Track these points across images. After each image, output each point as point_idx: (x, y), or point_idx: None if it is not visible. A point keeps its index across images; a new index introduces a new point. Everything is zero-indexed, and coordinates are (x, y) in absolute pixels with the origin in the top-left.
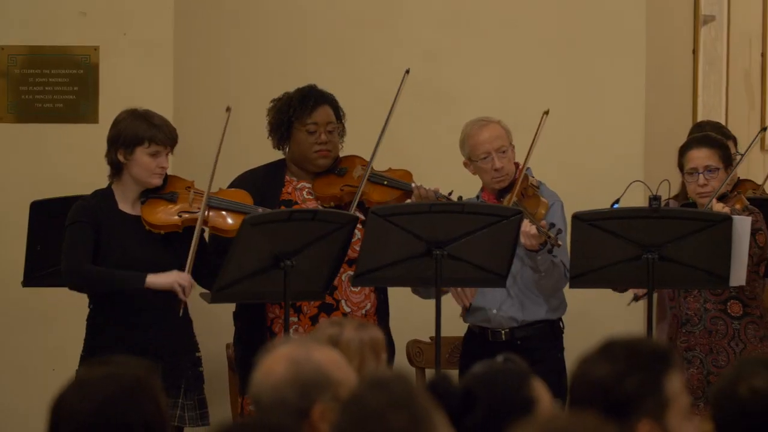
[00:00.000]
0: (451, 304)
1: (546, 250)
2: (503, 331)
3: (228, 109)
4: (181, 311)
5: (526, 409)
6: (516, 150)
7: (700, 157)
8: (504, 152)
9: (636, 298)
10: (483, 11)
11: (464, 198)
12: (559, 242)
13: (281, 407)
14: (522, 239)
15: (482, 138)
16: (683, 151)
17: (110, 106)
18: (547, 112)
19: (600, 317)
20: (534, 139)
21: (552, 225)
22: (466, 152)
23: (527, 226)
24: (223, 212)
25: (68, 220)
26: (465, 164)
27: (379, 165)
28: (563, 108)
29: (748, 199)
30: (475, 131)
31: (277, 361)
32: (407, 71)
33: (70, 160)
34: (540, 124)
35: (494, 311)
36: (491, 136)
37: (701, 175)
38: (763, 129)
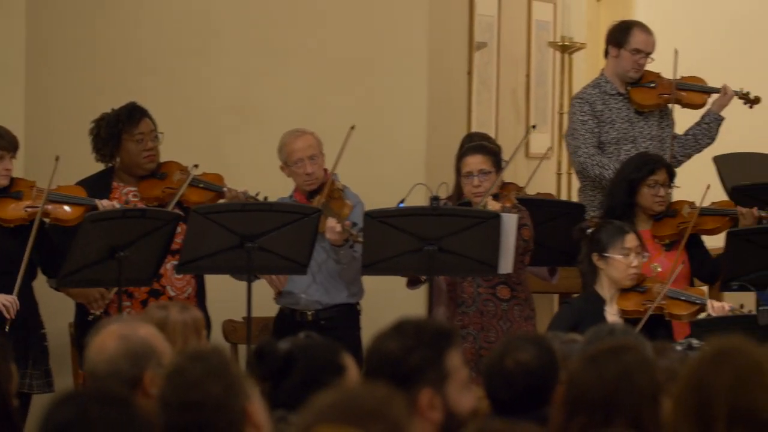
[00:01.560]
0: (262, 287)
1: (348, 245)
2: (309, 313)
3: (57, 158)
4: (7, 327)
5: (337, 375)
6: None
7: (476, 162)
8: (314, 159)
9: (415, 283)
10: (291, 38)
11: (278, 198)
12: (360, 239)
13: (116, 377)
14: (327, 235)
15: (297, 146)
16: (461, 157)
17: None
18: (353, 127)
19: (390, 300)
20: (341, 150)
21: (354, 224)
22: (283, 158)
23: (333, 224)
24: (63, 205)
25: None
26: (282, 168)
27: (197, 170)
28: (359, 122)
29: (518, 199)
30: (291, 140)
31: (108, 338)
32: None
33: None
34: (347, 136)
35: (302, 295)
36: (304, 144)
37: (476, 178)
38: (525, 135)
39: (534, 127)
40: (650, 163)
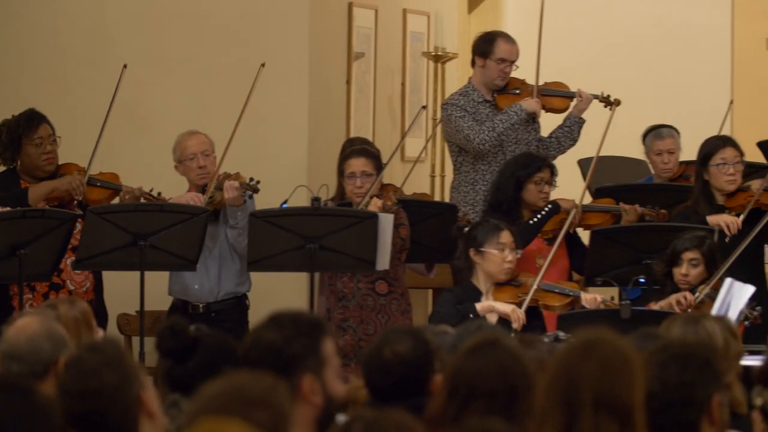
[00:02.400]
0: (154, 282)
1: (248, 196)
2: (201, 305)
3: None
4: None
5: (231, 364)
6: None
7: (358, 164)
8: (207, 155)
9: None
10: (180, 47)
11: (168, 196)
12: (258, 188)
13: (36, 356)
14: (227, 195)
15: (191, 143)
16: (344, 159)
17: None
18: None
19: (274, 294)
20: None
21: (251, 179)
22: (177, 156)
23: (231, 185)
24: None
25: None
26: (176, 167)
27: (93, 170)
28: (244, 127)
29: (404, 200)
30: (185, 138)
31: (32, 321)
32: None
33: None
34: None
35: (196, 287)
36: (197, 141)
37: (358, 179)
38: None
39: (424, 107)
40: (536, 162)
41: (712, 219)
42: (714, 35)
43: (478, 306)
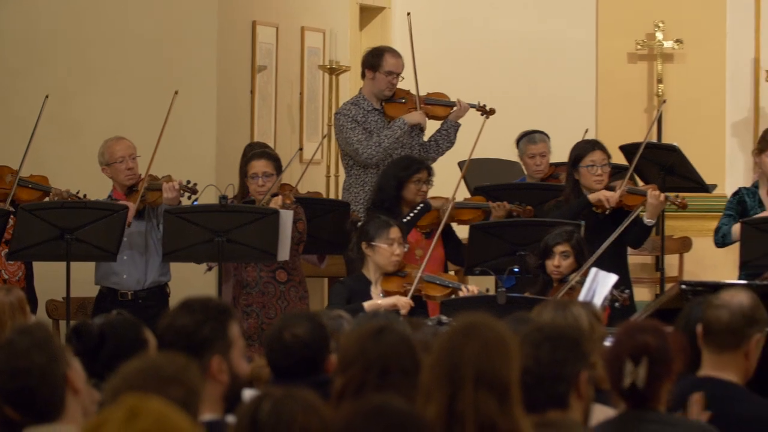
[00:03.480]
0: (80, 271)
1: (187, 197)
2: (129, 293)
3: None
4: None
5: (141, 348)
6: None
7: (260, 165)
8: (133, 158)
9: (209, 268)
10: (102, 60)
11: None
12: (196, 189)
13: None
14: (165, 194)
15: (118, 147)
16: (248, 161)
17: None
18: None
19: (188, 282)
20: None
21: (189, 181)
22: (105, 159)
23: (171, 186)
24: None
25: None
26: (103, 170)
27: (24, 173)
28: (157, 133)
29: (295, 197)
30: (112, 143)
31: None
32: None
33: None
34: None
35: (124, 276)
36: (124, 146)
37: (260, 179)
38: (300, 149)
39: (300, 149)
40: (415, 164)
41: (593, 195)
42: (581, 50)
43: (366, 305)
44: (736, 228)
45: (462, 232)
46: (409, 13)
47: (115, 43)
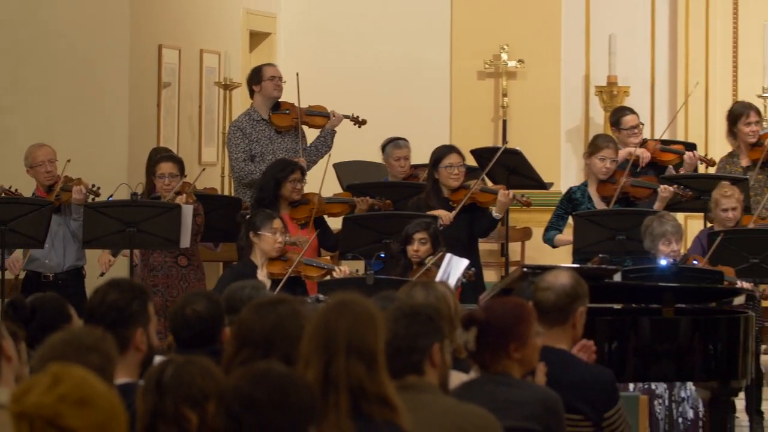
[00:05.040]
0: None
1: (90, 199)
2: (51, 275)
3: None
4: None
5: (65, 321)
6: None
7: (167, 167)
8: (52, 162)
9: (102, 275)
10: (32, 77)
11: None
12: (99, 192)
13: None
14: (75, 196)
15: (39, 153)
16: (156, 163)
17: None
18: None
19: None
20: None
21: (93, 185)
22: (29, 162)
23: (80, 189)
24: None
25: None
26: (28, 171)
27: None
28: (81, 141)
29: (195, 194)
30: (35, 149)
31: None
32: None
33: None
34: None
35: (46, 261)
36: (45, 152)
37: (167, 179)
38: (203, 169)
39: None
40: (290, 166)
41: (433, 212)
42: (437, 69)
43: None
44: (559, 237)
45: (334, 223)
46: (297, 73)
47: (43, 63)
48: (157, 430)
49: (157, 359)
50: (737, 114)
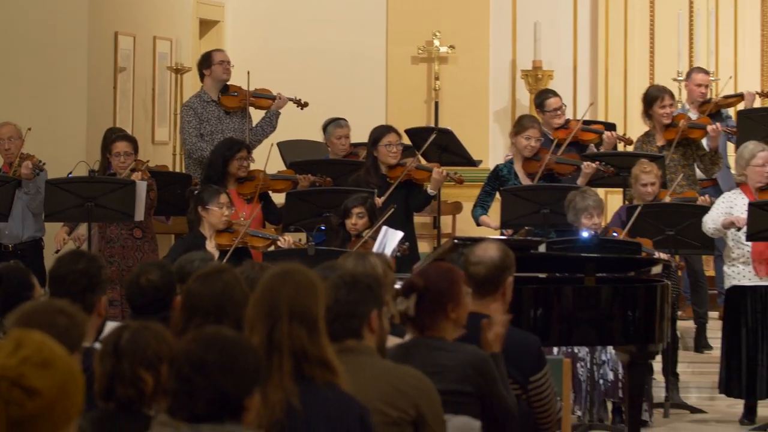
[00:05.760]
0: None
1: (36, 173)
2: (11, 245)
3: None
4: None
5: (29, 290)
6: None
7: (122, 146)
8: (12, 140)
9: (58, 251)
10: (2, 51)
11: None
12: (44, 168)
13: None
14: (23, 171)
15: (2, 131)
16: (111, 143)
17: None
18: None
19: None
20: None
21: (40, 161)
22: None
23: (27, 165)
24: None
25: None
26: None
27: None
28: (43, 122)
29: (152, 171)
30: None
31: None
32: None
33: None
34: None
35: (6, 232)
36: (6, 130)
37: (122, 157)
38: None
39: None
40: (237, 145)
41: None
42: (374, 54)
43: None
44: (484, 219)
45: (278, 198)
46: (248, 72)
47: (7, 47)
48: (115, 391)
49: (110, 325)
50: (653, 97)
